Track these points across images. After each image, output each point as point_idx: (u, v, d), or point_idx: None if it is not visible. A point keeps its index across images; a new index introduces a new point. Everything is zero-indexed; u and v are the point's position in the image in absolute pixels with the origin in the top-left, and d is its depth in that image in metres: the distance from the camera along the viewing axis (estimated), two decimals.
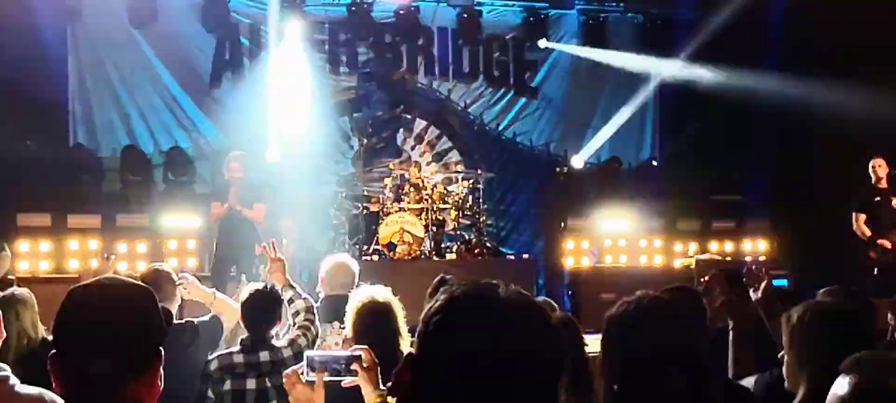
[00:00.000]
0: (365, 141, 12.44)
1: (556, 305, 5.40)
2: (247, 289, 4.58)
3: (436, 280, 4.97)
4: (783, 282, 10.20)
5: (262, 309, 4.47)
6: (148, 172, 12.16)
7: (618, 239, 12.13)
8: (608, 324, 2.51)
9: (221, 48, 12.82)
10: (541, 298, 5.46)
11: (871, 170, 9.69)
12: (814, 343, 2.66)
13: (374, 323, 3.96)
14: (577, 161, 13.19)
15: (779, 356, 3.16)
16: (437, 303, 1.49)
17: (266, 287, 4.60)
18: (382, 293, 4.15)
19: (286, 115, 12.37)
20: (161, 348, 1.98)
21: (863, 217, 9.70)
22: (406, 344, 3.99)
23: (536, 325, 1.47)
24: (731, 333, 3.63)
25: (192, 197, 11.85)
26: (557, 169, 13.18)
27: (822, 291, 4.88)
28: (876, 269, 9.58)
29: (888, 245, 9.50)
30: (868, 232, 9.64)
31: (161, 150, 12.45)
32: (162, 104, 12.62)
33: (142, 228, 11.24)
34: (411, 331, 3.89)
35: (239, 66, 12.94)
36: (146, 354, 1.95)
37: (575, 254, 11.96)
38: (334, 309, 4.82)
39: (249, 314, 4.45)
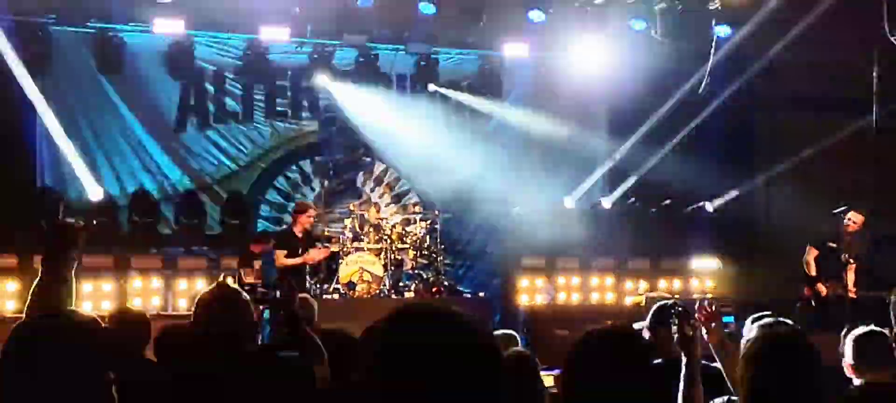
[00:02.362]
0: (326, 183, 12.81)
1: (516, 336, 5.69)
2: None
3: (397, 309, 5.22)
4: (730, 319, 10.56)
5: None
6: (113, 214, 12.38)
7: (571, 277, 12.54)
8: (566, 363, 2.70)
9: (186, 94, 13.15)
10: (501, 331, 5.75)
11: (846, 218, 9.98)
12: (766, 378, 2.72)
13: None
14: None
15: (732, 397, 3.42)
16: (382, 330, 1.55)
17: None
18: None
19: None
20: None
21: (814, 252, 10.04)
22: None
23: (475, 347, 1.51)
24: (683, 368, 3.65)
25: (156, 238, 12.08)
26: (511, 209, 13.60)
27: (755, 318, 5.20)
28: (798, 304, 9.97)
29: (823, 291, 9.89)
30: (813, 270, 9.99)
31: (127, 193, 12.69)
32: (128, 148, 12.88)
33: (107, 268, 11.42)
34: None
35: (203, 111, 13.27)
36: None
37: (530, 292, 12.33)
38: None
39: None
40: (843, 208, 9.95)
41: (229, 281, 5.15)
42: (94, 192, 12.00)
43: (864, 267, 10.00)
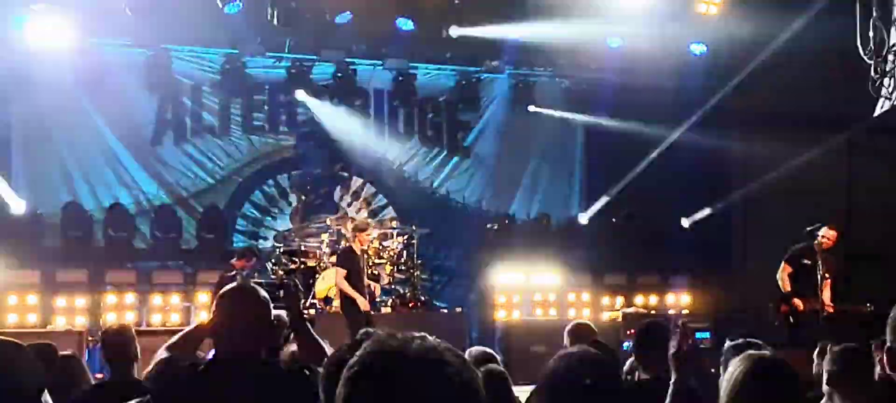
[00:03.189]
0: (303, 197, 12.80)
1: (494, 354, 5.68)
2: None
3: (360, 333, 5.10)
4: (705, 335, 10.62)
5: None
6: (88, 228, 12.30)
7: (548, 292, 12.58)
8: (540, 382, 2.75)
9: (163, 108, 13.10)
10: (477, 348, 5.75)
11: (821, 234, 10.07)
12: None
13: None
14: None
15: None
16: (355, 357, 1.52)
17: None
18: None
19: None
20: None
21: (788, 269, 10.12)
22: None
23: (449, 375, 1.48)
24: (672, 385, 3.63)
25: (131, 252, 12.02)
26: (488, 225, 13.65)
27: (735, 347, 5.24)
28: (775, 321, 10.04)
29: (800, 307, 9.96)
30: (788, 287, 10.06)
31: (102, 207, 12.62)
32: (103, 162, 12.81)
33: (81, 283, 11.35)
34: None
35: (180, 125, 13.23)
36: None
37: (506, 308, 12.37)
38: None
39: None
40: (816, 225, 10.06)
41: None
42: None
43: (839, 284, 10.09)
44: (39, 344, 4.23)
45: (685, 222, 13.65)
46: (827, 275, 9.90)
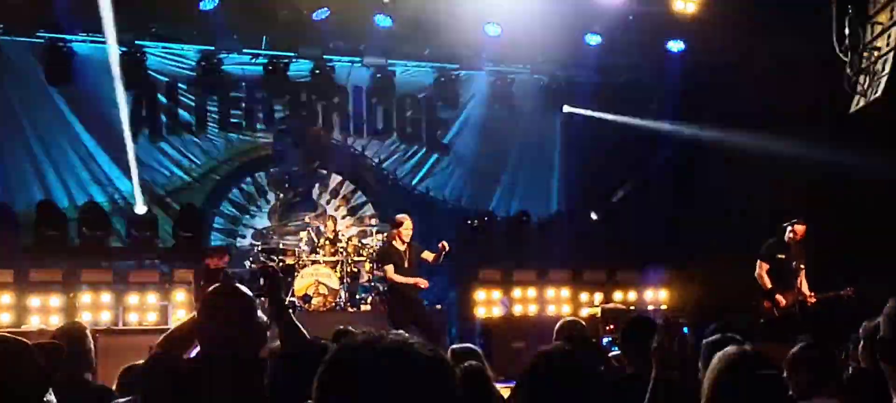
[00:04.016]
0: (281, 195, 12.72)
1: (477, 351, 5.63)
2: None
3: (336, 330, 5.07)
4: (683, 330, 10.67)
5: None
6: (63, 227, 12.15)
7: (527, 289, 12.59)
8: (520, 379, 2.71)
9: (138, 105, 12.96)
10: (460, 345, 5.72)
11: (789, 228, 10.16)
12: (733, 397, 2.74)
13: None
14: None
15: None
16: (327, 355, 1.51)
17: None
18: None
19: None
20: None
21: (765, 266, 10.20)
22: None
23: (422, 370, 1.47)
24: (651, 382, 3.67)
25: (107, 251, 11.88)
26: (468, 221, 13.63)
27: (712, 344, 5.24)
28: (762, 319, 10.11)
29: (782, 303, 10.04)
30: (768, 284, 10.14)
31: (76, 205, 12.47)
32: (77, 160, 12.66)
33: (56, 282, 11.19)
34: None
35: (156, 122, 13.10)
36: None
37: (486, 304, 12.35)
38: None
39: None
40: (791, 221, 10.14)
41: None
42: None
43: (811, 272, 10.17)
44: (46, 343, 4.14)
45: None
46: (801, 266, 10.00)
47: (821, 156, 10.92)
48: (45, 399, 2.87)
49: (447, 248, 10.10)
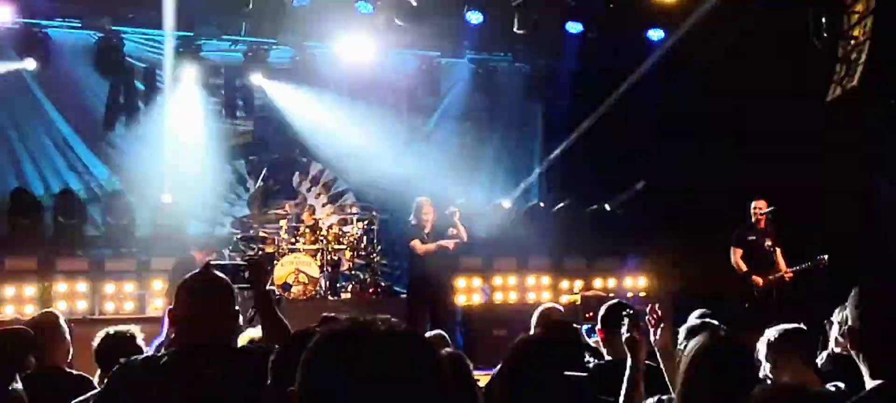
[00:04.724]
0: (261, 183, 12.62)
1: (447, 337, 5.66)
2: None
3: (322, 317, 5.09)
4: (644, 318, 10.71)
5: None
6: (37, 215, 12.00)
7: (508, 276, 12.59)
8: (502, 365, 2.72)
9: (115, 92, 12.80)
10: (431, 333, 5.73)
11: (751, 210, 10.26)
12: (706, 381, 2.75)
13: None
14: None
15: (662, 396, 3.41)
16: (313, 342, 1.48)
17: None
18: None
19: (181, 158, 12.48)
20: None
21: (739, 252, 10.29)
22: None
23: (408, 356, 1.46)
24: (628, 370, 3.76)
25: (82, 240, 11.75)
26: (449, 210, 13.57)
27: (695, 314, 5.24)
28: (747, 303, 10.17)
29: (760, 283, 10.11)
30: (744, 267, 10.22)
31: (52, 193, 12.32)
32: (53, 147, 12.50)
33: (30, 271, 11.07)
34: None
35: (133, 109, 12.94)
36: None
37: (467, 292, 12.34)
38: None
39: None
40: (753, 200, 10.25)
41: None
42: None
43: (785, 248, 10.24)
44: (13, 329, 4.07)
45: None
46: (774, 245, 10.07)
47: (801, 143, 11.03)
48: (10, 386, 2.80)
49: (456, 211, 10.25)
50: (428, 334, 5.14)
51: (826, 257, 9.90)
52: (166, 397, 2.90)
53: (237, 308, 3.25)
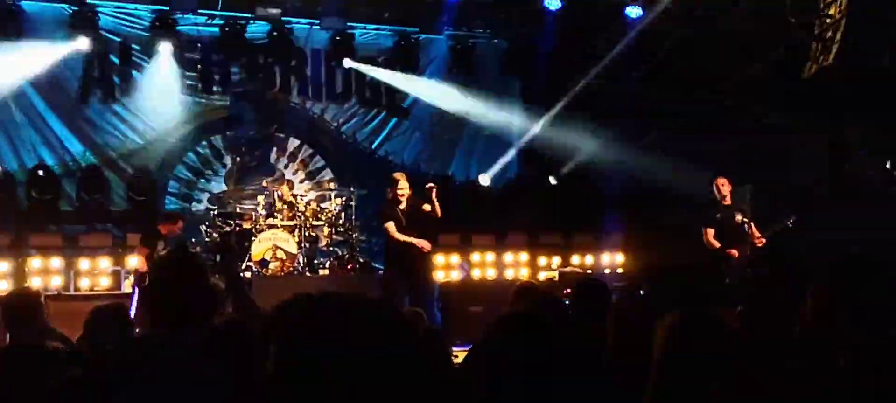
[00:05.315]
0: (238, 159, 12.55)
1: (423, 314, 5.67)
2: None
3: (295, 295, 5.04)
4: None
5: None
6: (11, 190, 11.87)
7: (485, 253, 12.62)
8: (478, 340, 2.71)
9: (90, 66, 12.66)
10: (408, 309, 5.74)
11: (715, 189, 10.35)
12: (680, 357, 2.74)
13: None
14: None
15: None
16: (287, 318, 1.49)
17: None
18: None
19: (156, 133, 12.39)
20: None
21: (711, 231, 10.36)
22: None
23: (387, 335, 1.45)
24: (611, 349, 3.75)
25: (56, 215, 11.65)
26: (426, 186, 13.56)
27: (675, 291, 5.28)
28: (727, 279, 10.24)
29: (735, 255, 10.18)
30: (717, 245, 10.29)
31: (26, 168, 12.19)
32: (27, 122, 12.36)
33: (4, 246, 10.97)
34: None
35: (108, 84, 12.81)
36: None
37: (445, 269, 12.36)
38: None
39: None
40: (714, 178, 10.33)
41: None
42: None
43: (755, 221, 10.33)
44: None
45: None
46: (745, 219, 10.14)
47: (776, 120, 11.13)
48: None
49: (434, 187, 9.91)
50: (405, 310, 5.15)
51: (794, 217, 10.01)
52: (150, 383, 2.88)
53: (216, 285, 3.24)
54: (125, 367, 2.94)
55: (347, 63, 13.65)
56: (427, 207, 9.79)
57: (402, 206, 9.74)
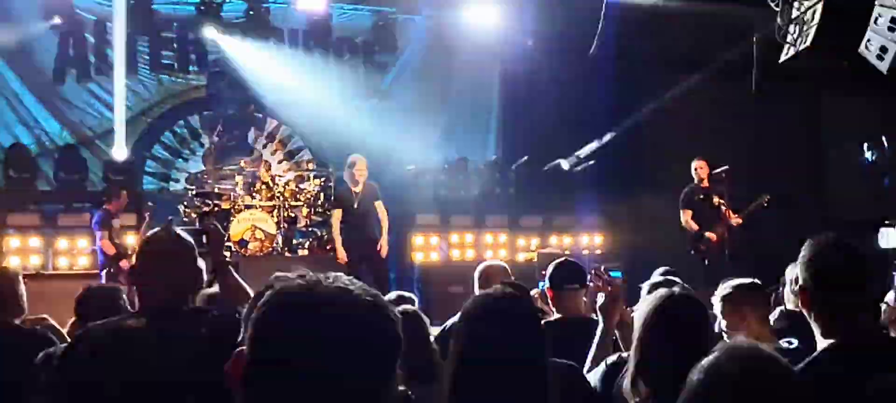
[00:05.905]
0: (215, 139, 12.49)
1: (411, 296, 5.61)
2: None
3: (272, 277, 4.99)
4: (618, 274, 10.82)
5: None
6: None
7: (465, 234, 12.66)
8: (457, 322, 2.71)
9: (65, 44, 12.53)
10: (394, 292, 5.71)
11: (693, 171, 10.43)
12: (662, 338, 2.73)
13: None
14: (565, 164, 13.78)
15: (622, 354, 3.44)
16: (261, 301, 1.45)
17: None
18: None
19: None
20: None
21: (689, 213, 10.45)
22: None
23: (360, 314, 1.43)
24: (599, 334, 3.80)
25: (34, 194, 11.56)
26: (406, 167, 13.59)
27: (658, 272, 5.29)
28: (707, 260, 10.33)
29: (714, 238, 10.28)
30: (695, 227, 10.38)
31: (2, 147, 12.08)
32: (2, 101, 12.24)
33: None
34: None
35: (84, 63, 12.70)
36: None
37: (424, 250, 12.40)
38: None
39: None
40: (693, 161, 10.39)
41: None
42: None
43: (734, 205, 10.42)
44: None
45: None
46: (721, 201, 10.23)
47: (753, 104, 11.22)
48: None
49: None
50: (392, 294, 5.15)
51: (768, 196, 10.12)
52: (130, 366, 2.87)
53: (199, 266, 3.22)
54: (108, 348, 2.94)
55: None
56: (378, 204, 9.77)
57: (358, 190, 9.80)
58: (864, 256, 2.64)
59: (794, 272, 4.48)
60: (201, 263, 3.24)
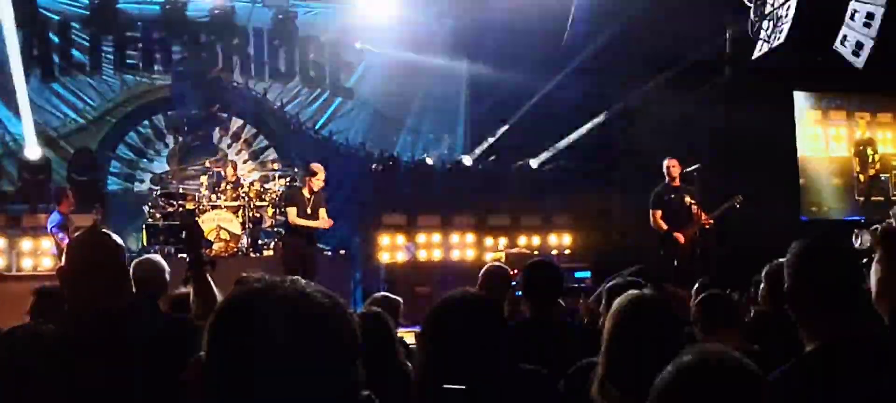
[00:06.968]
0: (180, 139, 12.43)
1: (398, 300, 5.56)
2: None
3: (237, 279, 4.98)
4: (586, 274, 10.90)
5: None
6: None
7: (432, 233, 12.67)
8: (424, 322, 2.72)
9: (29, 44, 12.40)
10: (380, 294, 5.68)
11: (665, 170, 10.43)
12: (631, 340, 2.72)
13: None
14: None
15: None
16: (219, 306, 1.45)
17: None
18: None
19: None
20: None
21: (659, 213, 10.46)
22: None
23: (318, 316, 1.42)
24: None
25: None
26: (372, 166, 13.59)
27: (627, 272, 5.31)
28: (675, 261, 10.39)
29: (682, 239, 10.31)
30: (664, 227, 10.39)
31: None
32: None
33: None
34: None
35: (48, 62, 12.58)
36: None
37: (391, 250, 12.40)
38: None
39: None
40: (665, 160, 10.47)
41: None
42: None
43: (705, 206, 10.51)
44: None
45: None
46: (692, 202, 10.27)
47: (725, 102, 11.32)
48: None
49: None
50: (378, 295, 5.15)
51: (740, 197, 10.18)
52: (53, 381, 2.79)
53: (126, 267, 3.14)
54: (20, 355, 2.84)
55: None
56: (322, 211, 9.95)
57: (310, 197, 9.83)
58: (853, 257, 2.61)
59: (766, 272, 4.53)
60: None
